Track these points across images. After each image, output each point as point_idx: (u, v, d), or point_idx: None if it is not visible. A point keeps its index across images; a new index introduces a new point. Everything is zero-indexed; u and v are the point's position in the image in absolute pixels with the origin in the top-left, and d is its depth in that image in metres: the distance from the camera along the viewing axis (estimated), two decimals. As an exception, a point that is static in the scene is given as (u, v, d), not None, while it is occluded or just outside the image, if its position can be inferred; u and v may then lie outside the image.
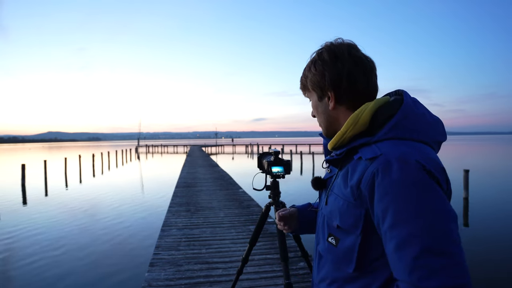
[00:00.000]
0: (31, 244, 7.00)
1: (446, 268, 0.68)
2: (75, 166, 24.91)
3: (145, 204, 11.22)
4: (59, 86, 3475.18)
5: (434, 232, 0.70)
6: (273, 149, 2.04)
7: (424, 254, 0.69)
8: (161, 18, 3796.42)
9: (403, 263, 0.71)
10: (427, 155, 0.79)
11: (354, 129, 0.88)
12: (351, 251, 0.85)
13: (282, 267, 2.07)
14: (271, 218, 5.59)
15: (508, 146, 62.49)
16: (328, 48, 0.95)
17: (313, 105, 1.03)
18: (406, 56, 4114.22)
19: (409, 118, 0.84)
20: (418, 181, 0.74)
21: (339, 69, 0.92)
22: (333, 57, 0.93)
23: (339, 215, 0.88)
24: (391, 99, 0.92)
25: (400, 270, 0.72)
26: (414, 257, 0.70)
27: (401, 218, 0.73)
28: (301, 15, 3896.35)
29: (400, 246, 0.72)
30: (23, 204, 11.91)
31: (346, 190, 0.86)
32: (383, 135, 0.83)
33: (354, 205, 0.84)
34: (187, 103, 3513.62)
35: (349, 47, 0.94)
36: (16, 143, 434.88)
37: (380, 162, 0.78)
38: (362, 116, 0.88)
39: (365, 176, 0.80)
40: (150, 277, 3.52)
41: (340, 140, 0.91)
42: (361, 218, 0.83)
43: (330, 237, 0.92)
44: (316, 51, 0.99)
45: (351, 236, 0.86)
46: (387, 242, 0.76)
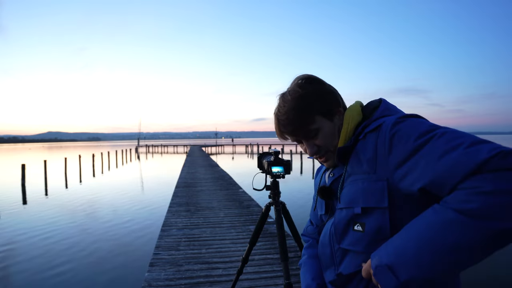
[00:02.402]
0: (31, 244, 7.00)
1: (500, 145, 0.66)
2: (75, 166, 24.92)
3: (145, 204, 11.21)
4: (59, 86, 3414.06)
5: (470, 135, 0.71)
6: (273, 149, 2.04)
7: (476, 143, 0.67)
8: (161, 18, 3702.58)
9: (463, 157, 0.66)
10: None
11: (353, 120, 0.97)
12: (383, 229, 0.82)
13: (282, 267, 2.07)
14: (271, 218, 5.59)
15: (508, 146, 62.40)
16: (303, 79, 1.00)
17: (327, 134, 0.98)
18: (406, 56, 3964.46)
19: (393, 107, 0.97)
20: (426, 121, 0.82)
21: (322, 87, 1.00)
22: (317, 81, 1.00)
23: (362, 195, 0.86)
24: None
25: (463, 164, 0.65)
26: (468, 146, 0.67)
27: (436, 131, 0.74)
28: (301, 15, 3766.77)
29: (452, 148, 0.68)
30: (23, 204, 11.90)
31: (363, 168, 0.88)
32: (378, 115, 0.93)
33: (375, 179, 0.84)
34: (187, 103, 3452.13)
35: (304, 79, 1.02)
36: (16, 143, 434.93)
37: (386, 124, 0.84)
38: (355, 109, 0.99)
39: (379, 142, 0.84)
40: (150, 277, 3.52)
41: (346, 135, 0.96)
42: (384, 189, 0.81)
43: (355, 225, 0.88)
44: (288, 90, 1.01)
45: (378, 213, 0.83)
46: (434, 159, 0.70)
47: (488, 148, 0.65)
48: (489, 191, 0.60)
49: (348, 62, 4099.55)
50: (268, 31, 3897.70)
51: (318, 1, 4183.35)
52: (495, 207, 0.60)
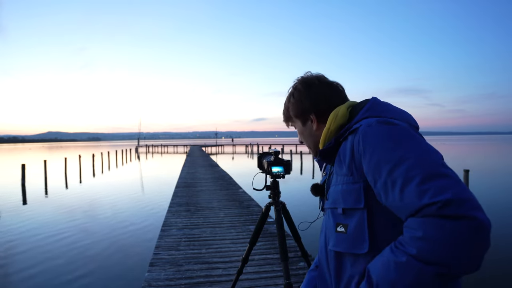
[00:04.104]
0: (31, 244, 7.00)
1: (452, 186, 0.69)
2: (75, 166, 24.91)
3: (145, 204, 11.22)
4: (59, 86, 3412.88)
5: (429, 161, 0.75)
6: (273, 149, 2.04)
7: (427, 180, 0.71)
8: (161, 18, 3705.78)
9: (413, 195, 0.71)
10: (400, 114, 0.93)
11: (336, 121, 1.00)
12: (361, 229, 0.86)
13: (282, 267, 2.07)
14: (271, 218, 5.59)
15: (508, 146, 62.48)
16: (301, 80, 1.11)
17: (299, 132, 1.15)
18: (405, 56, 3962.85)
19: (379, 105, 0.98)
20: (398, 129, 0.83)
21: (314, 93, 1.07)
22: (307, 86, 1.09)
23: (342, 197, 0.91)
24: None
25: (409, 205, 0.72)
26: (419, 185, 0.71)
27: (396, 160, 0.77)
28: (301, 15, 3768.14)
29: (404, 184, 0.73)
30: (23, 204, 11.91)
31: (343, 170, 0.92)
32: (360, 116, 0.95)
33: (352, 181, 0.88)
34: (187, 103, 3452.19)
35: (318, 77, 1.10)
36: (16, 143, 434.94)
37: (362, 129, 0.87)
38: (340, 110, 1.02)
39: (354, 145, 0.87)
40: (150, 277, 3.52)
41: (327, 135, 1.02)
42: (361, 190, 0.86)
43: (338, 226, 0.92)
44: (291, 86, 1.14)
45: (357, 214, 0.87)
46: (390, 191, 0.76)
47: (433, 191, 0.69)
48: (420, 237, 0.68)
49: (348, 62, 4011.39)
50: (268, 31, 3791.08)
51: (318, 1, 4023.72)
52: (427, 253, 0.67)
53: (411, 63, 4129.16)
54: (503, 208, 10.20)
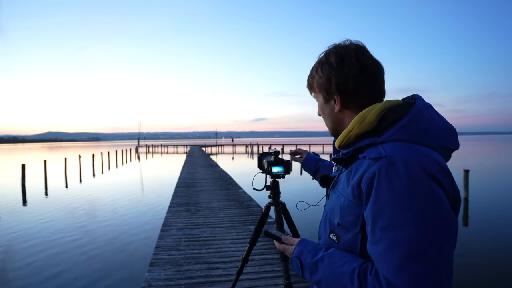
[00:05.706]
0: (30, 244, 7.00)
1: (428, 277, 0.70)
2: (75, 166, 24.91)
3: (145, 204, 11.22)
4: (59, 86, 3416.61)
5: (424, 240, 0.72)
6: (273, 149, 2.04)
7: (410, 259, 0.71)
8: (160, 18, 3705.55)
9: (391, 264, 0.73)
10: (432, 159, 0.78)
11: (359, 127, 0.89)
12: (353, 248, 0.86)
13: (282, 267, 2.07)
14: (271, 218, 5.59)
15: (508, 146, 62.47)
16: (336, 51, 0.96)
17: (319, 106, 1.05)
18: (405, 56, 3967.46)
19: (417, 122, 0.84)
20: (419, 187, 0.74)
21: (346, 74, 0.93)
22: (340, 62, 0.94)
23: (340, 212, 0.89)
24: (403, 103, 0.92)
25: (385, 268, 0.74)
26: (401, 259, 0.72)
27: (396, 221, 0.74)
28: (301, 15, 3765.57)
29: (390, 247, 0.74)
30: (23, 204, 11.90)
31: (348, 189, 0.87)
32: (389, 136, 0.83)
33: (354, 204, 0.85)
34: (187, 103, 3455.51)
35: (357, 51, 0.94)
36: (16, 143, 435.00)
37: (383, 163, 0.78)
38: (369, 115, 0.89)
39: (366, 174, 0.81)
40: (150, 277, 3.52)
41: (346, 138, 0.92)
42: (360, 217, 0.84)
43: (331, 233, 0.92)
44: (324, 52, 1.00)
45: (351, 234, 0.86)
46: (377, 242, 0.77)
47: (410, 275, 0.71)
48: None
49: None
50: (268, 31, 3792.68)
51: (317, 1, 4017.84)
52: None
53: (411, 63, 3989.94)
54: (503, 208, 10.20)
